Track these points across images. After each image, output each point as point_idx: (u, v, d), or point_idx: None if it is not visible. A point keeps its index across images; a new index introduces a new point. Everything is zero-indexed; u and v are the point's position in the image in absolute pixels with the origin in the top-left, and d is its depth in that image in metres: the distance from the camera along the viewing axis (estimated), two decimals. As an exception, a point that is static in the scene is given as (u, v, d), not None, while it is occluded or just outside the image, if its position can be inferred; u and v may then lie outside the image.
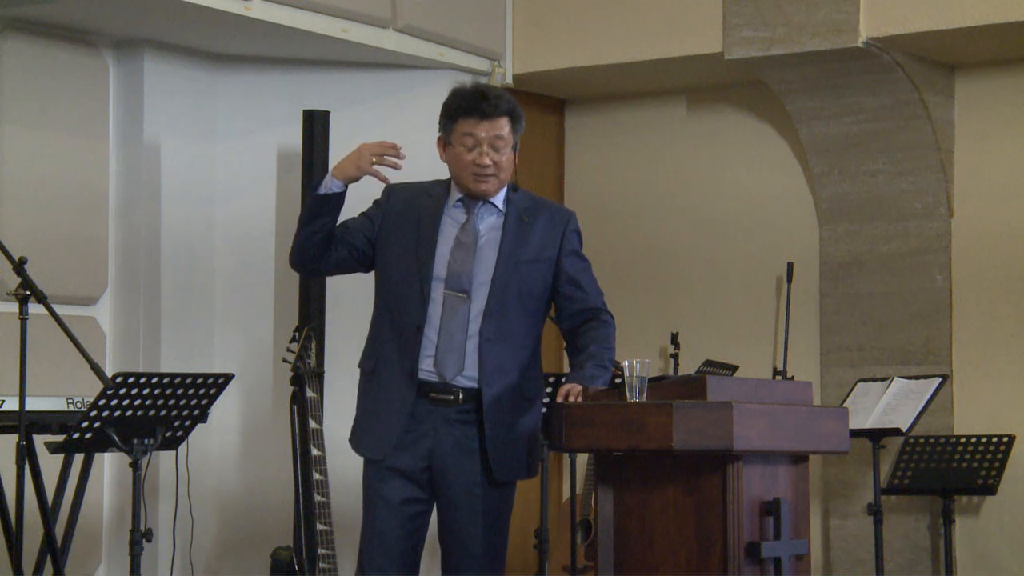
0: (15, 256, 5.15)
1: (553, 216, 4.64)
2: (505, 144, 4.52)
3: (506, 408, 4.49)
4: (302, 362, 6.06)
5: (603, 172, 8.36)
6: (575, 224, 4.66)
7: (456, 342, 4.47)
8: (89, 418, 4.90)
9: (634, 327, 8.08)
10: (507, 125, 4.53)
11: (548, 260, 4.58)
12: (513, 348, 4.52)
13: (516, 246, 4.54)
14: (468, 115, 4.51)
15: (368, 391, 4.59)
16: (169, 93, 7.04)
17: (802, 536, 4.39)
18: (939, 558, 7.25)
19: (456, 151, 4.53)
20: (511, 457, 4.51)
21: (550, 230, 4.60)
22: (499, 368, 4.48)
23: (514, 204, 4.60)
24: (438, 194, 4.61)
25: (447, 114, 4.57)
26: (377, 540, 4.50)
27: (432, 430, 4.48)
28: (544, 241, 4.58)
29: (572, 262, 4.62)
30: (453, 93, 4.59)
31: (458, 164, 4.54)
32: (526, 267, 4.54)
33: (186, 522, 6.31)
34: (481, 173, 4.51)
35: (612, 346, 4.58)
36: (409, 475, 4.49)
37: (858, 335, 7.54)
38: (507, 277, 4.51)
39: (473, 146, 4.50)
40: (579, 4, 7.74)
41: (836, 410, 4.54)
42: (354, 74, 7.38)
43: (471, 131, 4.50)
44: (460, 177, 4.56)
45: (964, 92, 7.49)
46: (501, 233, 4.55)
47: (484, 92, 4.56)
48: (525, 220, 4.58)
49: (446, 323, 4.47)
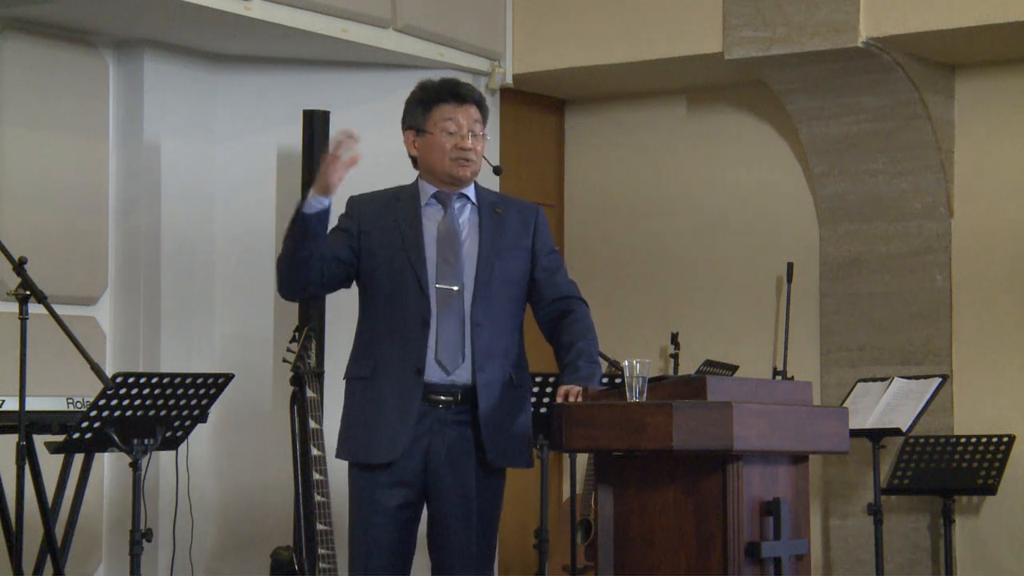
0: (15, 256, 5.15)
1: (522, 209, 4.68)
2: (480, 131, 4.57)
3: (496, 393, 4.50)
4: (302, 362, 6.06)
5: (603, 172, 8.36)
6: (544, 217, 4.71)
7: (455, 335, 4.48)
8: (89, 418, 4.90)
9: (634, 327, 8.09)
10: (479, 114, 4.60)
11: (525, 249, 4.62)
12: (500, 333, 4.54)
13: (495, 235, 4.58)
14: (446, 100, 4.56)
15: (366, 396, 4.52)
16: (169, 93, 7.04)
17: (802, 536, 4.39)
18: (939, 558, 7.25)
19: (435, 138, 4.55)
20: (506, 442, 4.51)
21: (522, 222, 4.64)
22: (488, 352, 4.50)
23: (483, 198, 4.64)
24: (408, 195, 4.61)
25: (421, 102, 4.59)
26: (374, 547, 4.48)
27: (428, 431, 4.48)
28: (519, 231, 4.62)
29: (546, 252, 4.66)
30: (422, 85, 4.64)
31: (438, 150, 4.55)
32: (507, 254, 4.57)
33: (186, 522, 6.31)
34: (464, 157, 4.53)
35: (595, 335, 4.61)
36: (404, 478, 4.47)
37: (858, 335, 7.54)
38: (491, 265, 4.54)
39: (454, 131, 4.53)
40: (579, 4, 7.74)
41: (836, 410, 4.54)
42: (354, 74, 7.38)
43: (452, 116, 4.54)
44: (439, 164, 4.56)
45: (964, 92, 7.49)
46: (479, 224, 4.58)
47: (457, 80, 4.64)
48: (498, 212, 4.62)
49: (443, 318, 4.48)
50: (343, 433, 4.59)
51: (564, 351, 4.58)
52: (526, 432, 4.60)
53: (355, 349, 4.61)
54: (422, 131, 4.57)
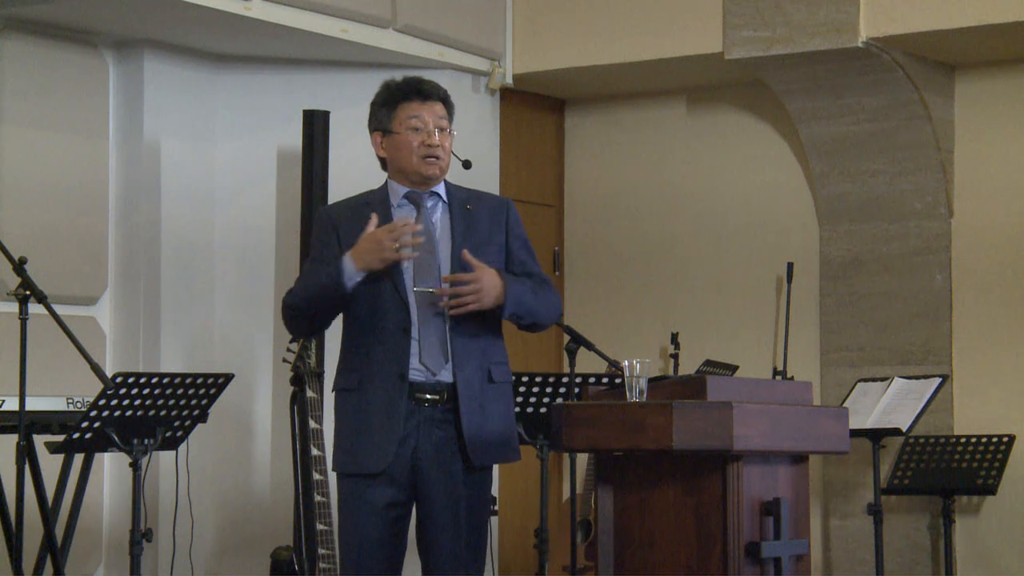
0: (15, 256, 5.15)
1: (493, 204, 4.67)
2: (446, 127, 4.56)
3: (477, 391, 4.50)
4: (302, 362, 6.06)
5: (603, 172, 8.36)
6: (515, 211, 4.69)
7: (437, 335, 4.48)
8: (89, 418, 4.91)
9: (634, 327, 8.09)
10: (444, 110, 4.58)
11: (499, 245, 4.61)
12: (478, 330, 4.52)
13: (468, 232, 4.57)
14: (410, 99, 4.54)
15: (356, 407, 4.51)
16: (169, 93, 7.04)
17: (802, 536, 4.39)
18: (939, 558, 7.25)
19: (401, 137, 4.53)
20: (487, 440, 4.51)
21: (493, 217, 4.63)
22: (467, 350, 4.49)
23: (454, 195, 4.63)
24: (378, 199, 4.59)
25: (385, 102, 4.57)
26: (364, 545, 4.47)
27: (415, 429, 4.47)
28: (491, 227, 4.61)
29: (519, 246, 4.65)
30: (385, 85, 4.62)
31: (404, 149, 4.53)
32: (481, 250, 4.55)
33: (186, 522, 6.31)
34: (431, 154, 4.52)
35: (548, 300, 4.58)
36: (393, 477, 4.47)
37: (858, 335, 7.54)
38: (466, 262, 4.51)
39: (420, 127, 4.52)
40: (579, 4, 7.74)
41: (836, 410, 4.54)
42: (354, 74, 7.38)
43: (417, 113, 4.53)
44: (407, 163, 4.54)
45: (964, 92, 7.49)
46: (451, 221, 4.57)
47: (420, 78, 4.62)
48: (469, 208, 4.61)
49: (424, 320, 4.48)
50: (335, 446, 4.59)
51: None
52: (509, 427, 4.59)
53: (341, 360, 4.60)
54: (388, 131, 4.56)
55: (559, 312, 4.70)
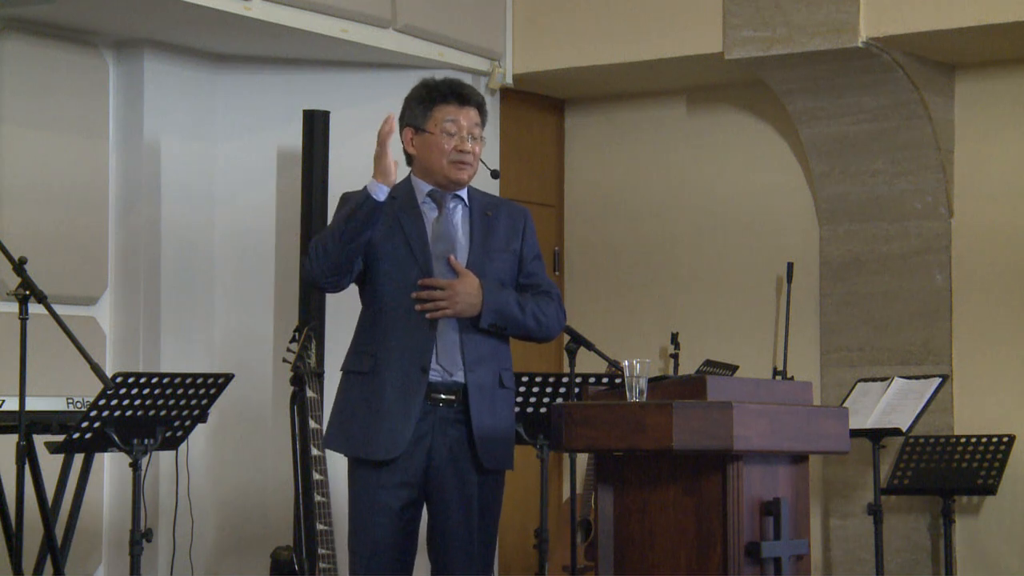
0: (15, 256, 5.15)
1: (512, 212, 4.67)
2: (479, 135, 4.55)
3: (488, 394, 4.51)
4: (302, 362, 6.06)
5: (603, 172, 8.36)
6: (532, 222, 4.70)
7: (452, 336, 4.49)
8: (89, 418, 4.91)
9: (634, 327, 8.09)
10: (479, 117, 4.58)
11: (514, 252, 4.62)
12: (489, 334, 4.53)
13: (486, 237, 4.58)
14: (448, 101, 4.53)
15: (365, 390, 4.50)
16: (169, 93, 7.04)
17: (802, 536, 4.39)
18: (939, 558, 7.25)
19: (435, 138, 4.52)
20: (498, 446, 4.52)
21: (512, 225, 4.64)
22: (479, 353, 4.50)
23: (475, 199, 4.63)
24: (404, 193, 4.58)
25: (422, 100, 4.55)
26: (377, 548, 4.46)
27: (431, 429, 4.48)
28: (509, 234, 4.62)
29: (531, 258, 4.67)
30: (424, 83, 4.61)
31: (436, 150, 4.53)
32: (496, 256, 4.56)
33: (186, 522, 6.31)
34: (462, 160, 4.52)
35: (542, 313, 4.58)
36: (407, 478, 4.47)
37: (858, 335, 7.54)
38: (481, 265, 4.54)
39: (455, 132, 4.51)
40: (579, 4, 7.74)
41: (836, 410, 4.54)
42: (354, 74, 7.39)
43: (454, 117, 4.52)
44: (436, 165, 4.54)
45: (964, 92, 7.49)
46: (470, 225, 4.58)
47: (460, 82, 4.61)
48: (488, 214, 4.61)
49: (442, 319, 4.48)
50: (337, 425, 4.55)
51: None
52: (511, 434, 4.61)
53: (355, 343, 4.59)
54: (421, 130, 4.55)
55: (559, 325, 4.68)
